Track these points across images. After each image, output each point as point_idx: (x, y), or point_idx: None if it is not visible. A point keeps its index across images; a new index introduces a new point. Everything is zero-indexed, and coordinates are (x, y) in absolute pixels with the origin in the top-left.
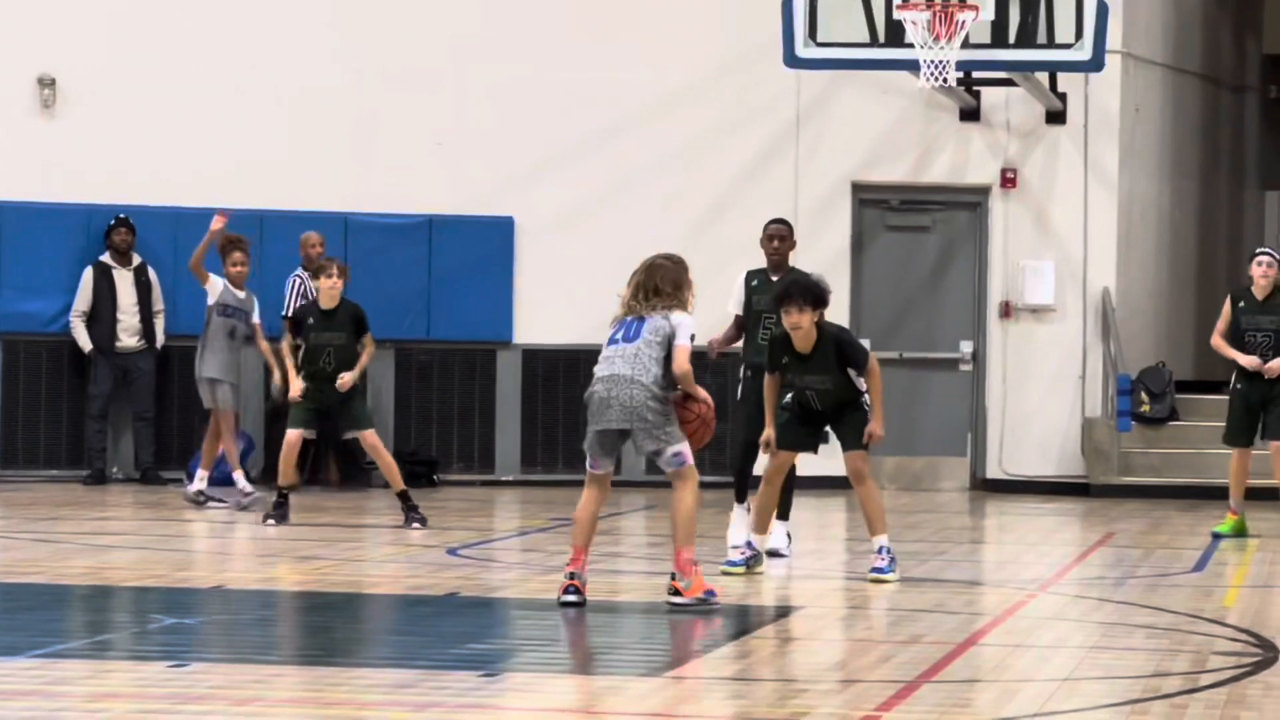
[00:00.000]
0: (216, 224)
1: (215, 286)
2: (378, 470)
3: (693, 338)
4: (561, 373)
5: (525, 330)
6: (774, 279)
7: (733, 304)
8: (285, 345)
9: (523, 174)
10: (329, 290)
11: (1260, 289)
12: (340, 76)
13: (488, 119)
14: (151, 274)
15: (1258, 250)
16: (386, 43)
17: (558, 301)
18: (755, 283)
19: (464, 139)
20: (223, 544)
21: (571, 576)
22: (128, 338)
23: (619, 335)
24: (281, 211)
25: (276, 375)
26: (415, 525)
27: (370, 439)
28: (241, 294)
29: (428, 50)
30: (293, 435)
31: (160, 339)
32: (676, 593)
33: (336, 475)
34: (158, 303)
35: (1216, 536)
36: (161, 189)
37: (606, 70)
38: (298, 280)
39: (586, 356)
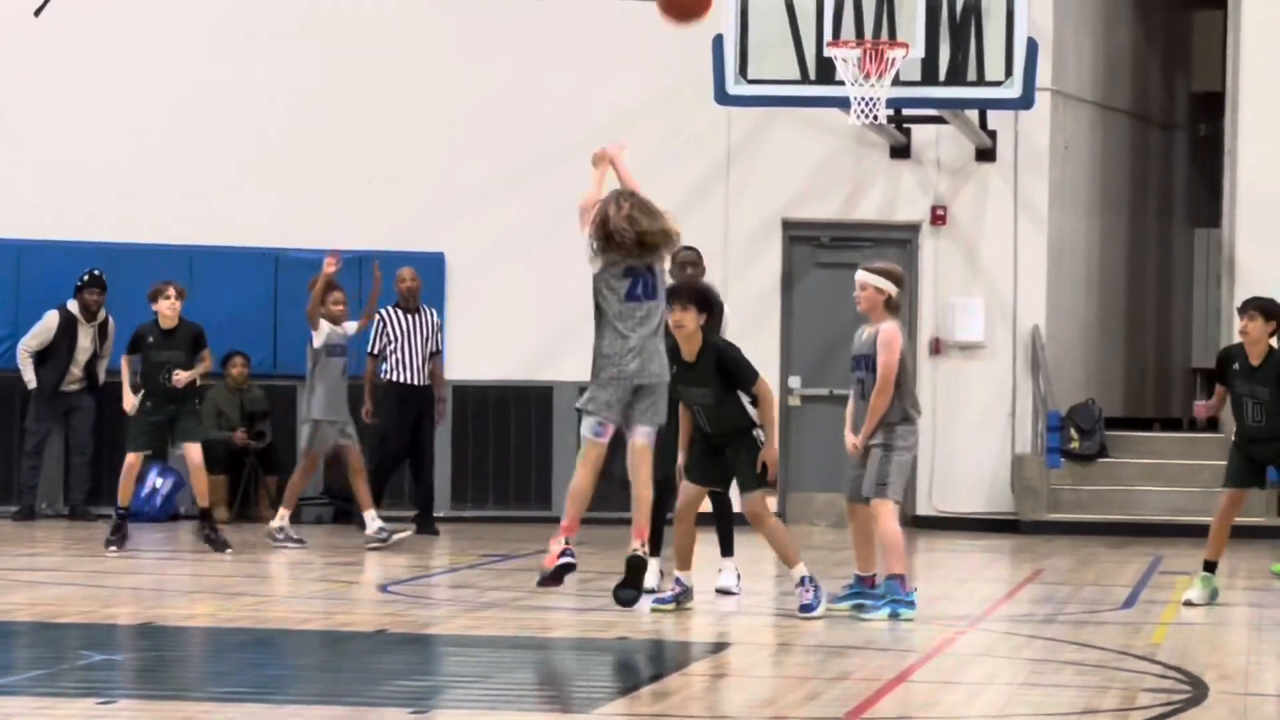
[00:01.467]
0: (330, 268)
1: (323, 330)
2: (308, 505)
3: None
4: (492, 409)
5: (456, 366)
6: None
7: None
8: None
9: (453, 209)
10: (168, 311)
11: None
12: (270, 111)
13: (417, 154)
14: (111, 325)
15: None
16: (317, 77)
17: (488, 337)
18: None
19: (394, 175)
20: (152, 580)
21: (567, 541)
22: (73, 383)
23: (638, 289)
24: (212, 247)
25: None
26: (209, 546)
27: (194, 455)
28: (344, 330)
29: (358, 85)
30: (132, 458)
31: (101, 378)
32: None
33: (270, 510)
34: (107, 349)
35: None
36: (98, 223)
37: (537, 105)
38: (380, 316)
39: (517, 393)
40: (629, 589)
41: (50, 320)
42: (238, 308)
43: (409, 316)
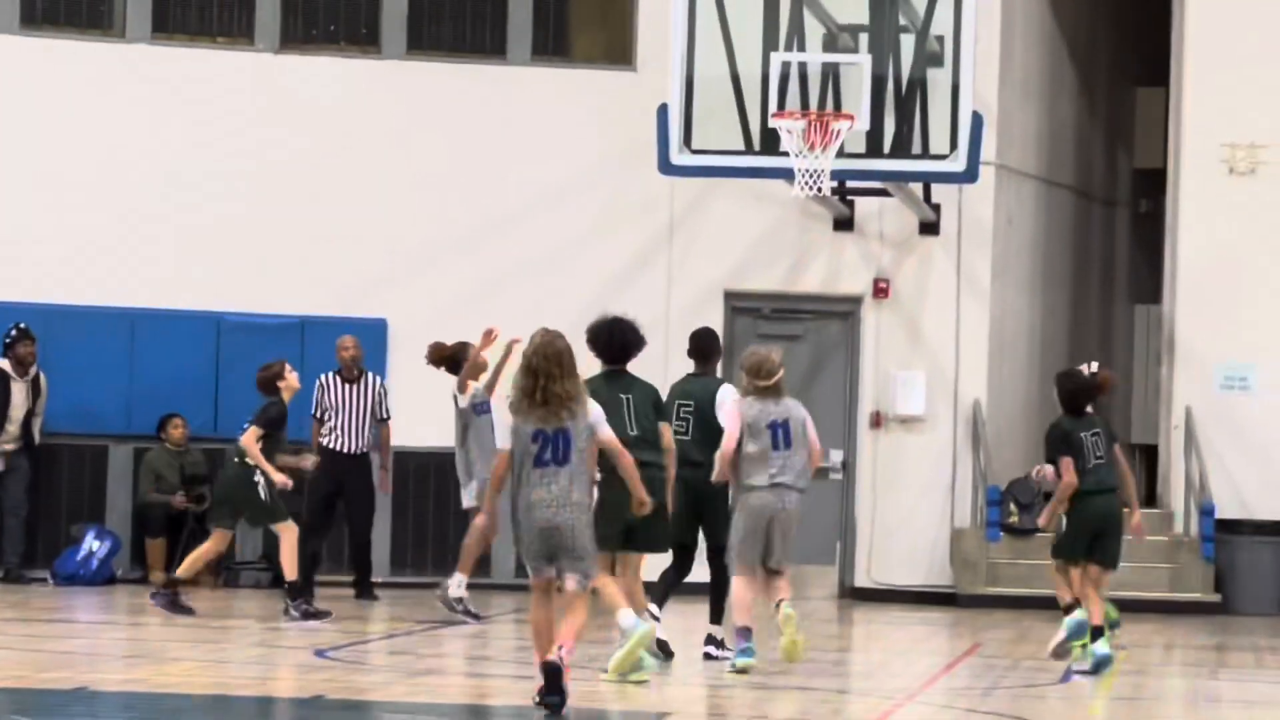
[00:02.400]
0: (488, 342)
1: (470, 390)
2: (247, 570)
3: None
4: (433, 474)
5: (397, 431)
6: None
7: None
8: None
9: (395, 275)
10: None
11: None
12: (213, 175)
13: (360, 221)
14: (43, 381)
15: None
16: (261, 142)
17: (430, 403)
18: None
19: (337, 240)
20: (88, 644)
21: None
22: (6, 443)
23: (547, 456)
24: (154, 310)
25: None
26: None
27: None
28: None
29: (302, 152)
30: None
31: (37, 439)
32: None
33: (209, 576)
34: (40, 406)
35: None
36: (33, 284)
37: (480, 171)
38: (320, 382)
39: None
40: (553, 694)
41: None
42: (178, 370)
43: (348, 385)
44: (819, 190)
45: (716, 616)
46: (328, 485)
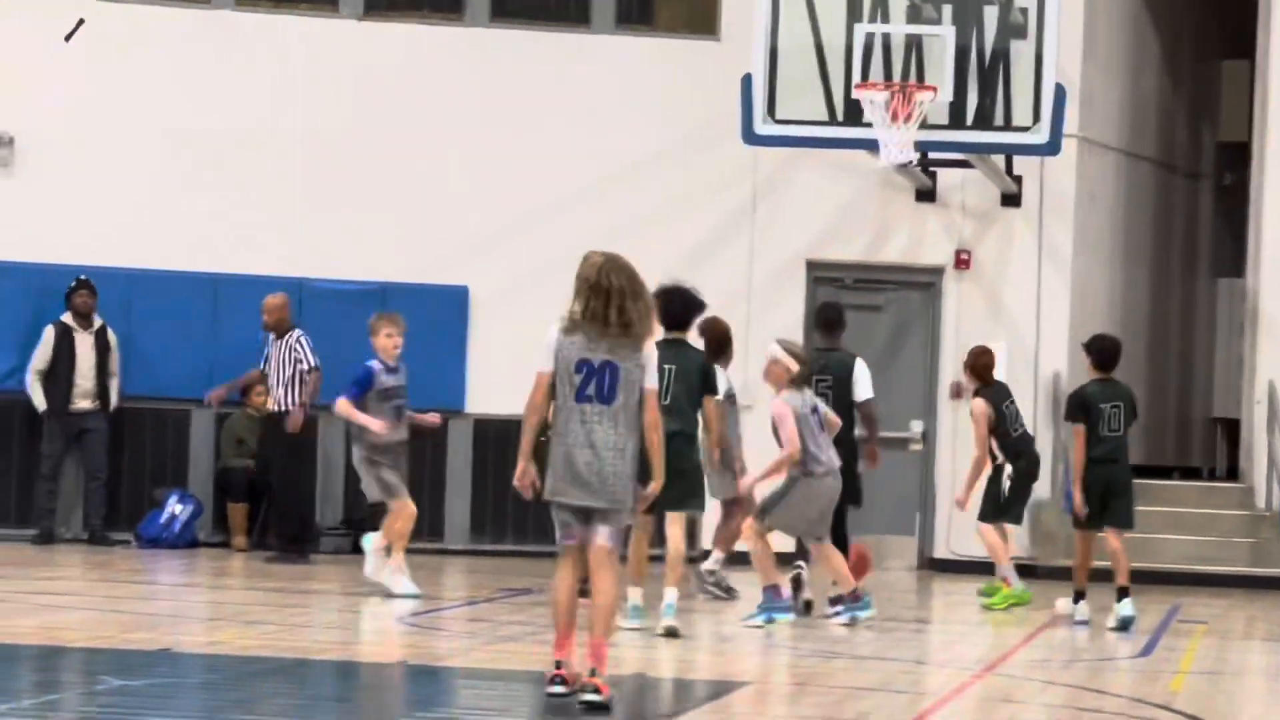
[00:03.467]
0: None
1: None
2: (327, 536)
3: None
4: (513, 442)
5: (477, 399)
6: None
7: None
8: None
9: (478, 244)
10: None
11: None
12: (299, 142)
13: (443, 188)
14: (111, 336)
15: None
16: (346, 108)
17: (510, 371)
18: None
19: (420, 207)
20: (171, 606)
21: (558, 665)
22: (82, 400)
23: (590, 390)
24: (238, 275)
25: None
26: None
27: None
28: None
29: (387, 118)
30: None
31: (114, 401)
32: (597, 690)
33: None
34: (114, 364)
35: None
36: (117, 250)
37: (565, 142)
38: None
39: None
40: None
41: (47, 335)
42: (261, 336)
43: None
44: (901, 162)
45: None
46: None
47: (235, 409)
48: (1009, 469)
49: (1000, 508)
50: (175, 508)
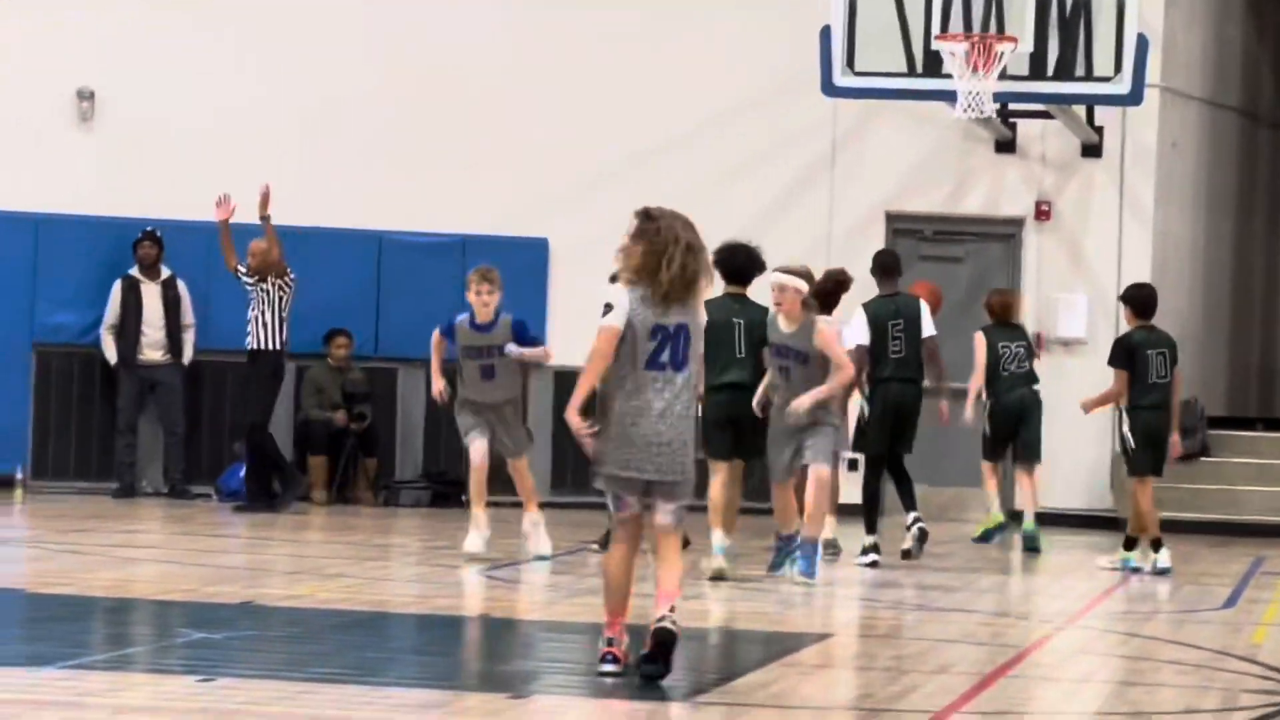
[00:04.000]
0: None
1: None
2: (406, 489)
3: None
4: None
5: (557, 352)
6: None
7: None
8: None
9: (558, 197)
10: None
11: None
12: (378, 96)
13: (525, 141)
14: (181, 287)
15: None
16: (426, 62)
17: (589, 323)
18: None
19: (500, 160)
20: (251, 559)
21: (609, 643)
22: (151, 351)
23: (664, 356)
24: (319, 229)
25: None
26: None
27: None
28: None
29: (466, 71)
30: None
31: (189, 354)
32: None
33: (370, 494)
34: (187, 316)
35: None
36: (196, 204)
37: (643, 95)
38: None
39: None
40: (655, 663)
41: (115, 289)
42: (340, 289)
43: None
44: (981, 112)
45: (910, 505)
46: None
47: (315, 361)
48: (987, 408)
49: (986, 446)
50: None
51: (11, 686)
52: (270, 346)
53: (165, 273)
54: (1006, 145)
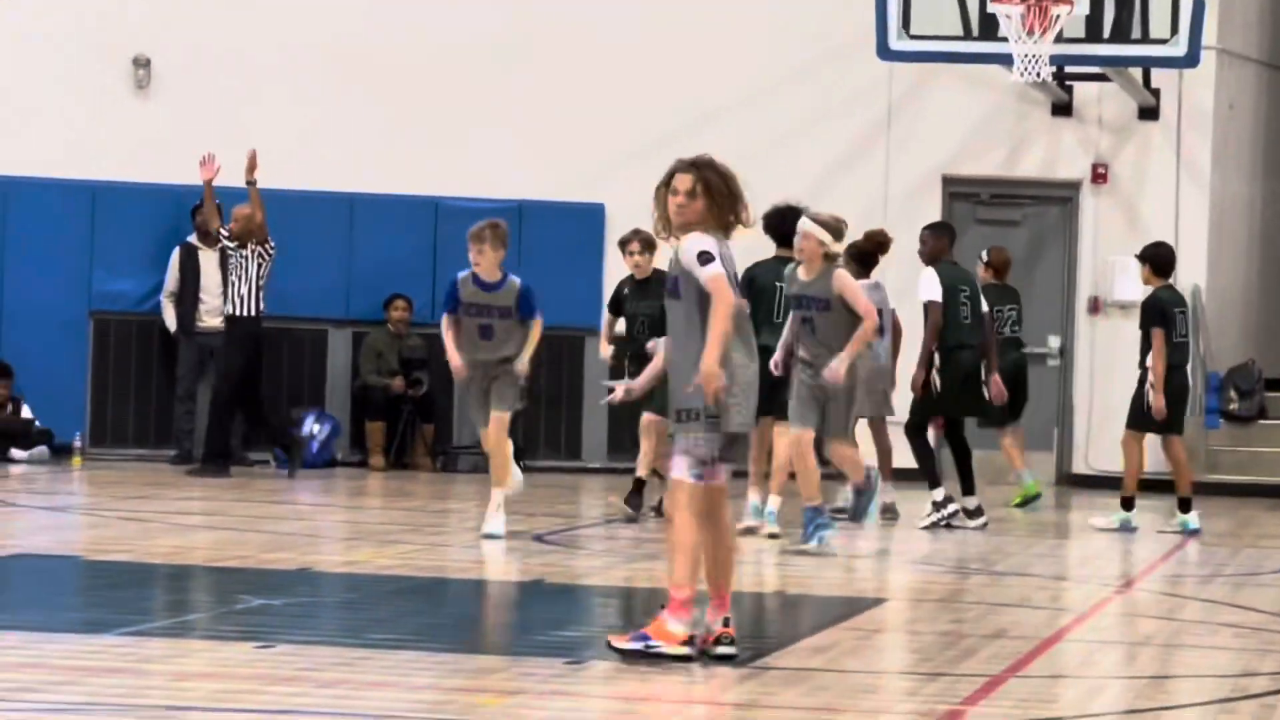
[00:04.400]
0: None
1: None
2: (465, 454)
3: None
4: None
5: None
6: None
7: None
8: None
9: (614, 162)
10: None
11: None
12: (434, 60)
13: (582, 107)
14: None
15: None
16: (482, 27)
17: None
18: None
19: (556, 125)
20: (309, 526)
21: (726, 622)
22: (210, 318)
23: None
24: (373, 195)
25: None
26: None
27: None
28: None
29: (522, 37)
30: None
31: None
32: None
33: (427, 460)
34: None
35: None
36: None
37: (700, 59)
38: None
39: None
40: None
41: (174, 256)
42: (397, 255)
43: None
44: (1037, 75)
45: (970, 488)
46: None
47: (373, 327)
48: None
49: (995, 415)
50: (313, 427)
51: (71, 653)
52: (247, 313)
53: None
54: (1063, 108)
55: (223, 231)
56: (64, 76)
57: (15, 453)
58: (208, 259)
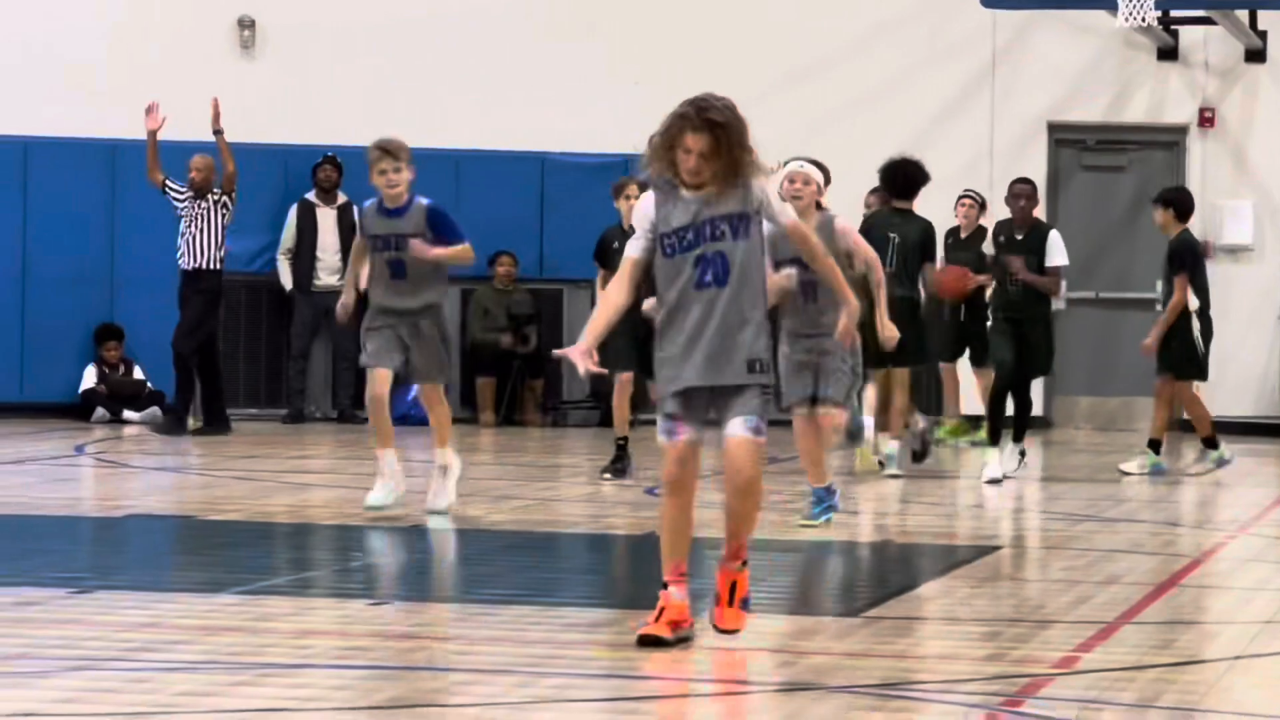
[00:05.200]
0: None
1: None
2: (574, 409)
3: None
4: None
5: None
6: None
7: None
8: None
9: None
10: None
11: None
12: (538, 14)
13: (685, 60)
14: (356, 213)
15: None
16: None
17: None
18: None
19: (660, 78)
20: (420, 483)
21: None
22: (327, 276)
23: None
24: (482, 151)
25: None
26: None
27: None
28: None
29: None
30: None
31: (363, 281)
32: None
33: (537, 415)
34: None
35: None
36: (358, 129)
37: (802, 11)
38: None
39: None
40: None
41: (291, 214)
42: (503, 211)
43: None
44: (1142, 20)
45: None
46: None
47: (480, 284)
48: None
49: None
50: None
51: (188, 612)
52: (210, 266)
53: (342, 198)
54: (1168, 52)
55: (171, 184)
56: (168, 41)
57: (128, 414)
58: (325, 216)
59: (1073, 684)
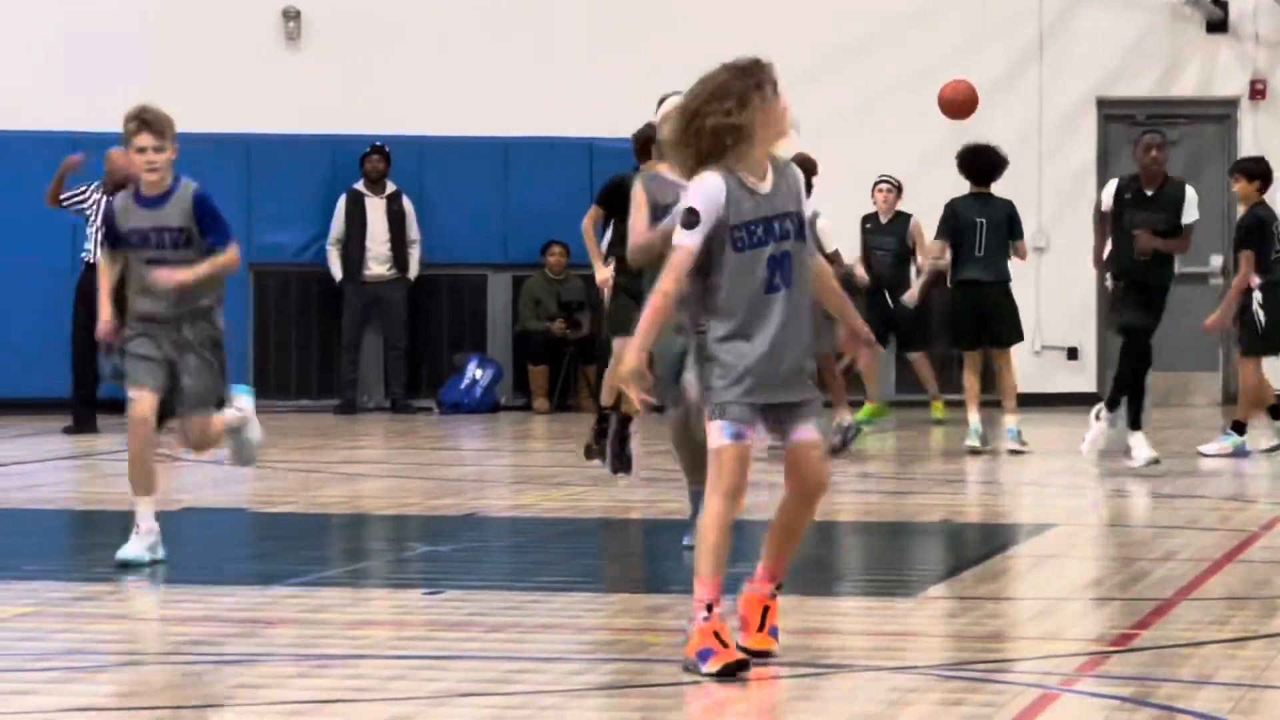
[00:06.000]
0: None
1: None
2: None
3: None
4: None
5: None
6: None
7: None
8: None
9: None
10: None
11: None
12: (585, 2)
13: (734, 40)
14: (406, 203)
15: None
16: None
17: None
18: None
19: (711, 60)
20: (474, 471)
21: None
22: (376, 266)
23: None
24: (530, 138)
25: None
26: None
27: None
28: None
29: None
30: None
31: (414, 269)
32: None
33: (590, 402)
34: (412, 231)
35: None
36: (406, 118)
37: None
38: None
39: None
40: None
41: (340, 204)
42: (553, 199)
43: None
44: None
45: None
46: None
47: (532, 271)
48: None
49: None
50: (475, 372)
51: (245, 604)
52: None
53: (390, 188)
54: (1218, 25)
55: (65, 194)
56: (214, 33)
57: None
58: (374, 206)
59: (1130, 661)
